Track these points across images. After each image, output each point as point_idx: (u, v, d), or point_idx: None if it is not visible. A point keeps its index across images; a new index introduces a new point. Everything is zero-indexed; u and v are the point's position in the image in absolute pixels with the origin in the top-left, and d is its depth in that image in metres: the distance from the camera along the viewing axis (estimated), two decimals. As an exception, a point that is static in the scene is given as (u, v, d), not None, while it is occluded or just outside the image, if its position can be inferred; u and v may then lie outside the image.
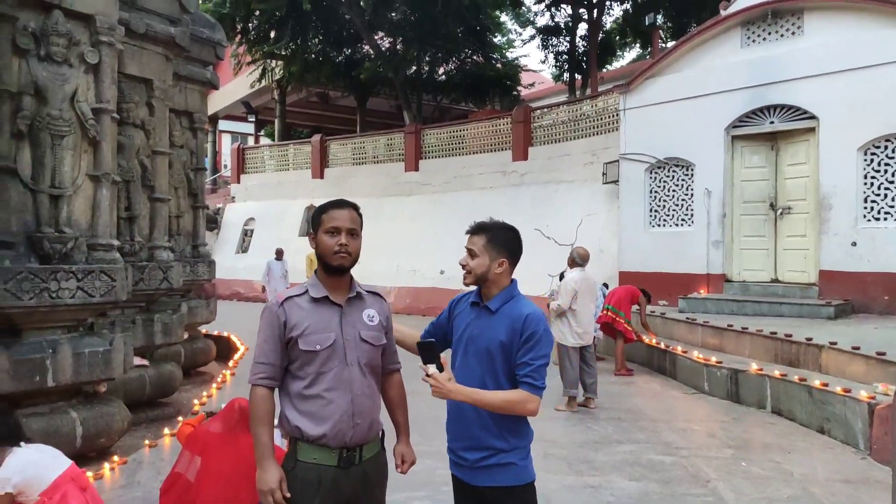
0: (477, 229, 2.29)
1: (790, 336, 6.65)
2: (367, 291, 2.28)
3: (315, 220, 2.19)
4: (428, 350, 2.15)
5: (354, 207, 2.22)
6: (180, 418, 5.52)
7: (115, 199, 5.10)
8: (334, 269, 2.15)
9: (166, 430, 5.27)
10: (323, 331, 2.11)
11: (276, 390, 2.16)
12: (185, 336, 7.76)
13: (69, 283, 4.47)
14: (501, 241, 2.26)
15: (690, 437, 5.40)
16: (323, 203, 2.23)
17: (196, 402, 6.24)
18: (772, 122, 8.89)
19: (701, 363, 7.03)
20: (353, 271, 2.22)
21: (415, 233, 14.99)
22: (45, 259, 4.47)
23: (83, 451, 4.53)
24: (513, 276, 2.31)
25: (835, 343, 6.13)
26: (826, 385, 5.53)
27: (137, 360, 6.15)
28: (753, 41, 9.00)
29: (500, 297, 2.25)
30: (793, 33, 8.64)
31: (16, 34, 4.39)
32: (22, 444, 2.92)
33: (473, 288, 2.33)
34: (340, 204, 2.19)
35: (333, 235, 2.13)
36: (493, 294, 2.26)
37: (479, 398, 2.13)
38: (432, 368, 2.11)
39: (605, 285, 9.10)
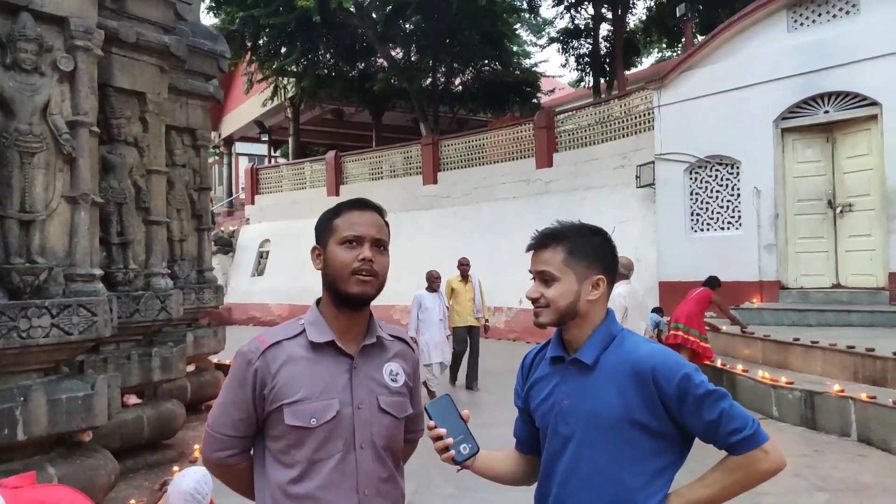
0: (547, 239, 1.46)
1: (872, 350, 5.81)
2: (391, 335, 1.55)
3: (324, 228, 1.48)
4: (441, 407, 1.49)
5: (380, 211, 1.50)
6: (176, 467, 4.87)
7: (96, 223, 4.50)
8: (352, 299, 1.42)
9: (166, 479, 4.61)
10: (322, 396, 1.40)
11: (253, 471, 1.48)
12: (192, 368, 7.20)
13: (42, 321, 3.89)
14: (590, 249, 1.45)
15: (773, 477, 4.58)
16: (336, 204, 1.52)
17: (198, 446, 5.60)
18: (826, 112, 8.08)
19: (768, 384, 6.18)
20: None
21: (436, 248, 14.34)
22: (15, 294, 3.89)
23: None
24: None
25: (929, 358, 5.30)
26: (930, 410, 4.72)
27: (133, 400, 5.65)
28: (802, 24, 8.22)
29: (595, 341, 1.43)
30: (847, 13, 7.84)
31: (-23, 40, 3.85)
32: None
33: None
34: (361, 204, 1.48)
35: (352, 248, 1.42)
36: (584, 336, 1.44)
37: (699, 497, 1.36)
38: None
39: (660, 310, 8.19)
